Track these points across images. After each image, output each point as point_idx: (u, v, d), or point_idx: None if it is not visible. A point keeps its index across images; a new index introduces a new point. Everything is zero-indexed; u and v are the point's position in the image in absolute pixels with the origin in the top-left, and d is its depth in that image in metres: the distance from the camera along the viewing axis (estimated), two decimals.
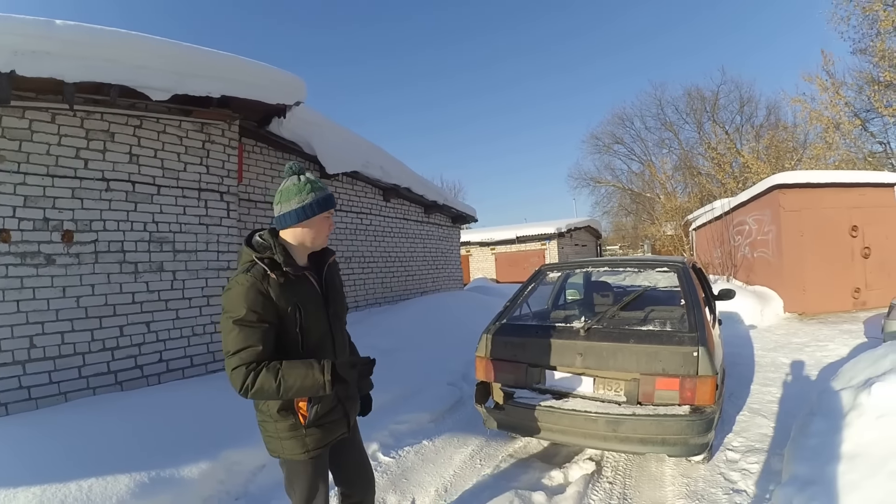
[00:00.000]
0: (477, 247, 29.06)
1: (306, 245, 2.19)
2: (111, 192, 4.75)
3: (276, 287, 2.00)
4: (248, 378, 1.91)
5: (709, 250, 15.27)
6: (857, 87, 20.25)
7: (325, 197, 2.15)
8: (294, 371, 1.93)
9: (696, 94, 34.78)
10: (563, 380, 3.95)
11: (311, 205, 2.11)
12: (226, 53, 5.01)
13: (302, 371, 1.94)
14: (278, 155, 7.54)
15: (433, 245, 12.71)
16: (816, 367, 6.55)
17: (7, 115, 4.13)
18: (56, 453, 3.37)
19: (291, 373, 1.93)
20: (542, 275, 5.16)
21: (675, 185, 35.21)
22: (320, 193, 2.14)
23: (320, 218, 2.16)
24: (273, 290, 2.00)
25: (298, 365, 1.95)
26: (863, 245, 10.91)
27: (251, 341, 1.94)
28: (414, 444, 4.56)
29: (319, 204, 2.13)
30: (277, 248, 2.07)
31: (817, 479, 2.72)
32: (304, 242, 2.18)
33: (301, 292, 2.10)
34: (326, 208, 2.16)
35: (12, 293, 4.09)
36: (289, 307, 2.03)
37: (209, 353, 5.50)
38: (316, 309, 2.15)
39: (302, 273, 2.13)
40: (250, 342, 1.93)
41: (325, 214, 2.17)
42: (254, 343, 1.94)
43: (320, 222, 2.17)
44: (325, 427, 2.18)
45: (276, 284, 2.01)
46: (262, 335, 1.96)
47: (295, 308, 2.05)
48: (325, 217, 2.18)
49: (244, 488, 3.74)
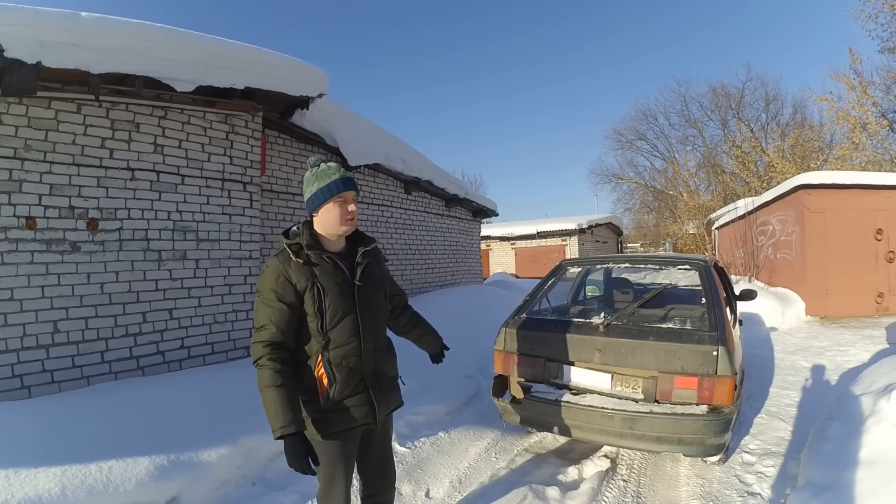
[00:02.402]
0: (497, 241, 29.04)
1: (329, 231, 2.28)
2: (136, 181, 4.82)
3: (296, 269, 2.15)
4: (259, 359, 2.09)
5: (731, 250, 15.11)
6: (885, 87, 19.79)
7: (331, 183, 2.24)
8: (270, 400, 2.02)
9: (721, 90, 34.36)
10: (580, 376, 3.94)
11: (318, 193, 2.24)
12: (249, 45, 5.05)
13: (272, 408, 2.01)
14: (301, 146, 7.58)
15: (453, 238, 12.70)
16: (837, 372, 6.46)
17: (34, 105, 4.20)
18: (77, 435, 3.43)
19: (268, 399, 2.02)
20: (563, 270, 5.15)
21: (699, 184, 34.89)
22: (325, 181, 2.24)
23: (331, 204, 2.24)
24: (293, 272, 2.15)
25: (279, 400, 2.01)
26: (887, 249, 10.69)
27: (270, 318, 2.12)
28: (430, 435, 4.58)
29: (324, 191, 2.23)
30: (304, 235, 2.22)
31: (833, 485, 2.70)
32: (325, 228, 2.28)
33: (324, 275, 2.19)
34: (332, 194, 2.23)
35: (38, 279, 4.17)
36: (308, 287, 2.15)
37: (230, 341, 5.57)
38: (341, 292, 2.21)
39: (328, 256, 2.22)
40: (269, 319, 2.12)
41: (336, 200, 2.24)
42: (272, 321, 2.11)
43: (332, 208, 2.24)
44: (346, 412, 2.23)
45: (297, 266, 2.15)
46: (279, 314, 2.12)
47: (314, 289, 2.15)
48: (336, 202, 2.24)
49: (261, 474, 3.79)
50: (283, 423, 1.98)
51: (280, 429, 1.98)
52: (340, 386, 2.19)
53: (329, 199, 2.23)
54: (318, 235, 2.28)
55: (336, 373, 2.18)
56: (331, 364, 2.18)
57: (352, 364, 2.23)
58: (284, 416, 1.99)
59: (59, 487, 2.94)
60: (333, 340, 2.19)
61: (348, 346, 2.22)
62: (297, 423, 2.01)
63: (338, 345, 2.20)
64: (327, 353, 2.19)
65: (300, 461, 2.00)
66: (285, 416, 1.99)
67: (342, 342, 2.21)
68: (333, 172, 2.26)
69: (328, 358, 2.19)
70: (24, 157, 4.13)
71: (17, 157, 4.08)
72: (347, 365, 2.22)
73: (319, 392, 2.18)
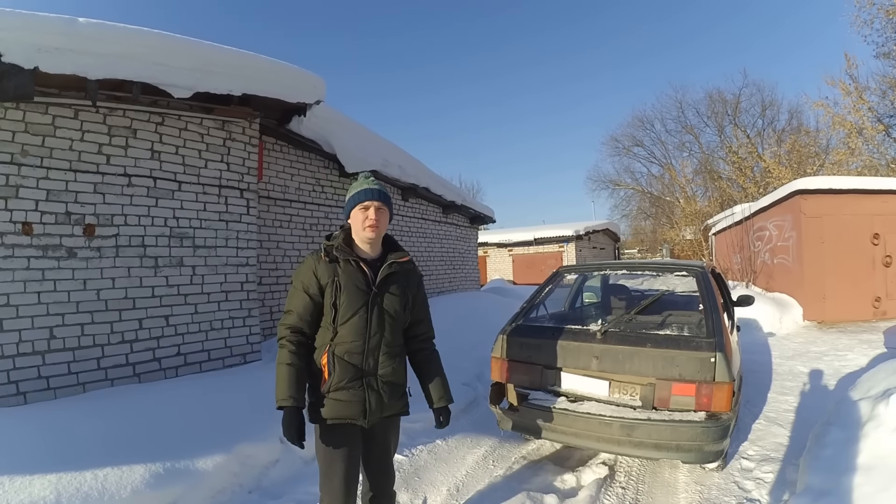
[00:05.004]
0: (494, 248, 29.06)
1: (357, 235, 2.49)
2: (133, 187, 4.81)
3: (323, 266, 2.39)
4: (281, 339, 2.41)
5: (728, 255, 15.12)
6: (881, 92, 19.87)
7: (357, 193, 2.46)
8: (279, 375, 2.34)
9: (718, 96, 34.35)
10: (578, 383, 3.93)
11: (349, 201, 2.48)
12: (247, 52, 5.06)
13: (279, 382, 2.32)
14: (298, 153, 7.57)
15: (451, 245, 12.70)
16: (835, 377, 6.46)
17: (31, 110, 4.19)
18: (73, 442, 3.41)
19: (279, 374, 2.34)
20: (560, 276, 5.15)
21: (695, 189, 34.84)
22: (354, 190, 2.48)
23: (357, 210, 2.43)
24: (321, 268, 2.39)
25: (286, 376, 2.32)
26: (884, 253, 10.72)
27: (295, 306, 2.41)
28: (427, 442, 4.57)
29: (353, 199, 2.46)
30: (339, 238, 2.46)
31: (832, 490, 2.69)
32: (355, 233, 2.49)
33: (346, 274, 2.39)
34: (356, 203, 2.43)
35: (33, 285, 4.15)
36: (328, 282, 2.37)
37: (226, 348, 5.55)
38: (356, 292, 2.38)
39: (354, 260, 2.41)
40: (293, 306, 2.42)
41: (360, 207, 2.42)
42: (296, 308, 2.41)
43: (356, 213, 2.44)
44: (338, 404, 2.37)
45: (325, 264, 2.39)
46: (303, 303, 2.40)
47: (334, 285, 2.36)
48: (360, 209, 2.43)
49: (257, 482, 3.77)
50: (283, 396, 2.27)
51: (280, 400, 2.28)
52: (338, 377, 2.35)
53: (355, 206, 2.43)
54: (353, 241, 2.49)
55: (336, 365, 2.35)
56: (334, 356, 2.36)
57: (353, 361, 2.38)
58: (287, 391, 2.28)
59: (55, 495, 2.92)
60: (340, 335, 2.37)
61: (353, 344, 2.38)
62: (295, 398, 2.28)
63: (343, 340, 2.37)
64: (333, 345, 2.37)
65: (290, 432, 2.26)
66: (287, 390, 2.28)
67: (348, 339, 2.37)
68: (361, 183, 2.49)
69: (333, 350, 2.36)
70: (21, 162, 4.11)
71: (13, 163, 4.07)
72: (349, 361, 2.37)
73: (321, 380, 2.38)
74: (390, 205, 2.52)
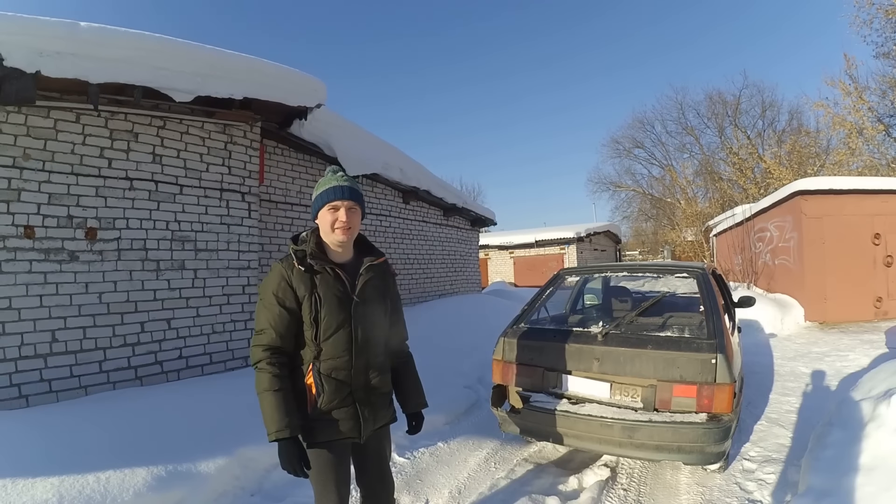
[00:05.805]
0: (495, 250, 29.02)
1: (326, 238, 2.28)
2: (134, 190, 4.83)
3: (297, 276, 2.17)
4: (258, 362, 2.14)
5: (729, 257, 15.11)
6: (881, 92, 19.80)
7: (324, 191, 2.26)
8: (266, 404, 2.08)
9: (718, 98, 34.35)
10: (579, 385, 3.94)
11: (316, 200, 2.28)
12: (248, 56, 5.08)
13: (268, 412, 2.07)
14: (299, 156, 7.59)
15: (452, 248, 12.70)
16: (836, 378, 6.45)
17: (32, 114, 4.21)
18: (75, 445, 3.42)
19: (265, 403, 2.08)
20: (561, 279, 5.15)
21: (696, 191, 34.80)
22: (321, 188, 2.27)
23: (324, 210, 2.24)
24: (295, 278, 2.17)
25: (275, 404, 2.07)
26: (885, 253, 10.72)
27: (270, 323, 2.16)
28: (429, 445, 4.57)
29: (320, 198, 2.26)
30: (311, 242, 2.24)
31: (834, 491, 2.69)
32: (324, 236, 2.28)
33: (324, 285, 2.19)
34: (325, 202, 2.24)
35: (35, 288, 4.17)
36: (306, 295, 2.17)
37: (228, 351, 5.56)
38: (338, 304, 2.20)
39: (331, 267, 2.22)
40: (269, 323, 2.16)
41: (329, 207, 2.24)
42: (272, 325, 2.15)
43: (324, 214, 2.25)
44: (331, 423, 2.22)
45: (299, 273, 2.17)
46: (279, 318, 2.15)
47: (312, 297, 2.17)
48: (328, 209, 2.24)
49: (259, 485, 3.77)
50: (278, 427, 2.03)
51: (275, 432, 2.03)
52: (328, 397, 2.18)
53: (323, 205, 2.24)
54: (324, 244, 2.29)
55: (325, 384, 2.18)
56: (320, 374, 2.18)
57: (341, 377, 2.21)
58: (280, 421, 2.04)
59: (57, 497, 2.92)
60: (325, 352, 2.19)
61: (339, 360, 2.21)
62: (291, 427, 2.05)
63: (329, 357, 2.19)
64: (318, 363, 2.18)
65: (293, 464, 2.06)
66: (281, 420, 2.04)
67: (334, 355, 2.20)
68: (329, 180, 2.28)
69: (318, 368, 2.18)
70: (23, 166, 4.13)
71: (15, 166, 4.09)
72: (337, 377, 2.20)
73: (308, 400, 2.19)
74: (363, 203, 2.34)
